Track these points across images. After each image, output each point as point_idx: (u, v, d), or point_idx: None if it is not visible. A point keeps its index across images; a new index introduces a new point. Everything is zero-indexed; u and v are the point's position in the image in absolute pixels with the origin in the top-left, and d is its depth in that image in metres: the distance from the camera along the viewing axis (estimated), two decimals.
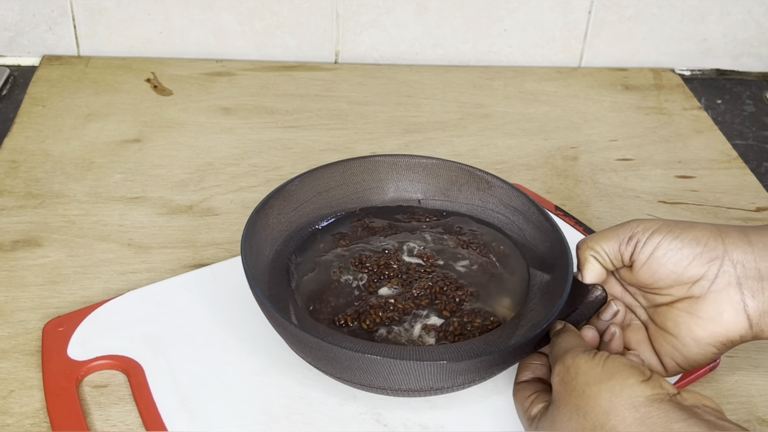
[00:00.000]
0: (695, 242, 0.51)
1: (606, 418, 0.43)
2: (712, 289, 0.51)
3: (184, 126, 0.85)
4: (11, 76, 0.92)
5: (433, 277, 0.56)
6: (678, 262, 0.51)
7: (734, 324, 0.51)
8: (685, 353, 0.52)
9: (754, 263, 0.50)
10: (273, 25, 0.96)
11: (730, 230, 0.52)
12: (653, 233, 0.52)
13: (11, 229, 0.69)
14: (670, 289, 0.52)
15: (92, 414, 0.53)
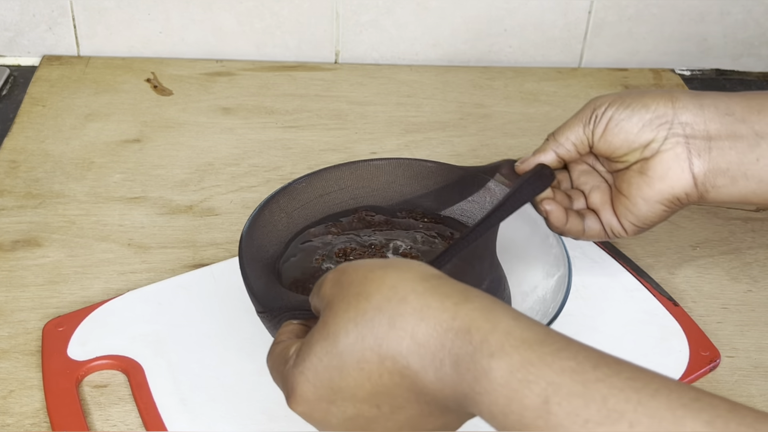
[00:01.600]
0: (645, 109, 0.54)
1: (394, 292, 0.39)
2: (661, 150, 0.54)
3: (184, 126, 0.85)
4: (11, 76, 0.92)
5: None
6: (630, 129, 0.54)
7: (679, 181, 0.54)
8: (637, 212, 0.56)
9: (704, 125, 0.53)
10: (273, 25, 0.95)
11: (682, 95, 0.55)
12: (608, 107, 0.55)
13: (11, 229, 0.69)
14: (626, 156, 0.56)
15: (92, 414, 0.53)
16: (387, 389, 0.38)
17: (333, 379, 0.39)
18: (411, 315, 0.38)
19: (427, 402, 0.38)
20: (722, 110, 0.53)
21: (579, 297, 0.63)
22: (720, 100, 0.54)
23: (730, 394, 0.57)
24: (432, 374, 0.37)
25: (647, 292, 0.64)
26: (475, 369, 0.36)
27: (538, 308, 0.57)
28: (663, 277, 0.67)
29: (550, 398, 0.33)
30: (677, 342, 0.60)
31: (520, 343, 0.35)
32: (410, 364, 0.37)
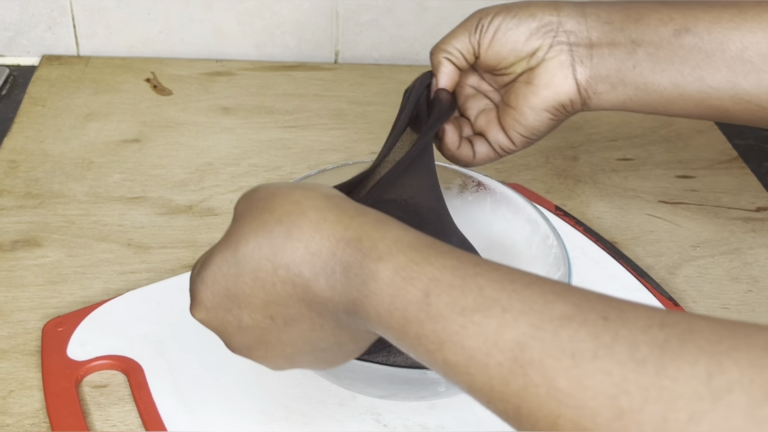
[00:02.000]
0: (531, 18, 0.55)
1: (295, 206, 0.40)
2: (546, 58, 0.55)
3: (184, 126, 0.85)
4: (11, 75, 0.92)
5: None
6: (517, 38, 0.55)
7: (563, 88, 0.55)
8: (524, 122, 0.57)
9: (586, 33, 0.55)
10: (273, 25, 0.95)
11: (566, 4, 0.56)
12: (494, 16, 0.56)
13: (11, 229, 0.69)
14: (513, 67, 0.57)
15: (92, 414, 0.53)
16: (280, 299, 0.40)
17: (229, 287, 0.41)
18: (308, 227, 0.39)
19: (319, 313, 0.39)
20: (603, 18, 0.55)
21: None
22: (602, 9, 0.55)
23: None
24: (323, 282, 0.38)
25: (647, 292, 0.64)
26: (363, 273, 0.37)
27: None
28: (663, 277, 0.67)
29: (431, 291, 0.35)
30: None
31: (407, 246, 0.37)
32: (302, 273, 0.39)
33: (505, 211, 0.63)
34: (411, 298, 0.35)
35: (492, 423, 0.53)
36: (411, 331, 0.35)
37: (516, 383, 0.33)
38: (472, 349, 0.34)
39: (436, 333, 0.35)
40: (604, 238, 0.70)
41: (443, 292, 0.35)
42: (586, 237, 0.69)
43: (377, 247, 0.37)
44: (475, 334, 0.34)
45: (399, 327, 0.36)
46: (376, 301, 0.37)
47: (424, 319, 0.35)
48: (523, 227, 0.62)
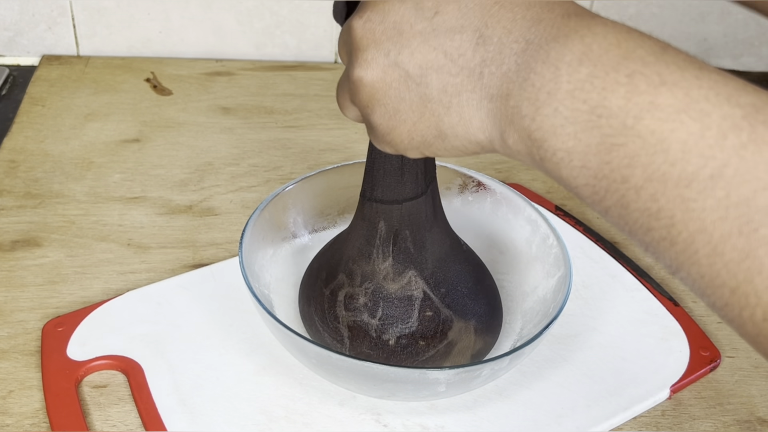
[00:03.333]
0: None
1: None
2: None
3: (184, 126, 0.85)
4: (11, 75, 0.92)
5: None
6: None
7: None
8: None
9: None
10: (273, 24, 0.95)
11: None
12: None
13: (11, 229, 0.69)
14: None
15: (92, 414, 0.53)
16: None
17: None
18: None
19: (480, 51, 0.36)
20: None
21: (579, 297, 0.63)
22: None
23: (730, 394, 0.57)
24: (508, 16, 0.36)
25: (648, 292, 0.64)
26: (562, 29, 0.34)
27: (538, 308, 0.57)
28: (663, 277, 0.67)
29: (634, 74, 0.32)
30: (678, 342, 0.60)
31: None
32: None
33: (505, 211, 0.63)
34: (644, 45, 0.32)
35: (492, 423, 0.53)
36: (625, 69, 0.32)
37: (737, 136, 0.29)
38: (698, 97, 0.30)
39: (660, 75, 0.31)
40: (604, 238, 0.70)
41: (680, 51, 0.32)
42: (586, 237, 0.69)
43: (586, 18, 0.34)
44: (707, 86, 0.31)
45: (611, 63, 0.32)
46: (593, 38, 0.33)
47: (651, 62, 0.32)
48: (523, 227, 0.62)
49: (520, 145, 0.36)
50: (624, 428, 0.54)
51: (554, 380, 0.56)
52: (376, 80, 0.40)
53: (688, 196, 0.30)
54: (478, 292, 0.54)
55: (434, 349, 0.52)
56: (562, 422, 0.53)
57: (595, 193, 0.33)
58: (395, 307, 0.51)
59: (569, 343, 0.59)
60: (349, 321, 0.52)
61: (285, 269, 0.61)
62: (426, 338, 0.52)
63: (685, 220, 0.31)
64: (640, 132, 0.31)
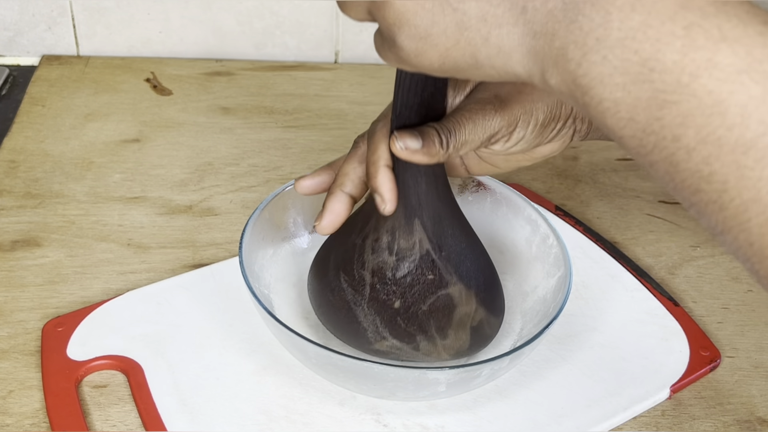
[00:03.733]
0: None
1: None
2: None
3: (184, 126, 0.85)
4: (10, 75, 0.92)
5: None
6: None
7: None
8: None
9: None
10: (273, 24, 0.95)
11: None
12: None
13: (10, 229, 0.69)
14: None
15: (92, 414, 0.53)
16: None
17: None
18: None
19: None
20: None
21: (579, 297, 0.63)
22: None
23: (730, 394, 0.57)
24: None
25: (647, 292, 0.64)
26: None
27: (538, 308, 0.57)
28: (663, 277, 0.67)
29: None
30: (678, 342, 0.60)
31: None
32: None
33: (505, 211, 0.63)
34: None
35: (492, 423, 0.53)
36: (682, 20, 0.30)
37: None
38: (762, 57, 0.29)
39: (721, 30, 0.29)
40: (604, 238, 0.70)
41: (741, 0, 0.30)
42: (586, 237, 0.69)
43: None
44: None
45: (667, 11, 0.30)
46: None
47: (711, 13, 0.29)
48: (523, 227, 0.62)
49: (563, 87, 0.34)
50: (624, 428, 0.54)
51: (554, 380, 0.56)
52: (408, 4, 0.37)
53: (745, 163, 0.29)
54: (472, 257, 0.54)
55: (440, 290, 0.52)
56: (562, 422, 0.53)
57: (641, 146, 0.32)
58: (405, 238, 0.52)
59: (569, 343, 0.59)
60: (374, 264, 0.52)
61: (285, 269, 0.61)
62: (432, 273, 0.52)
63: (739, 187, 0.29)
64: (695, 91, 0.29)
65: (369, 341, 0.53)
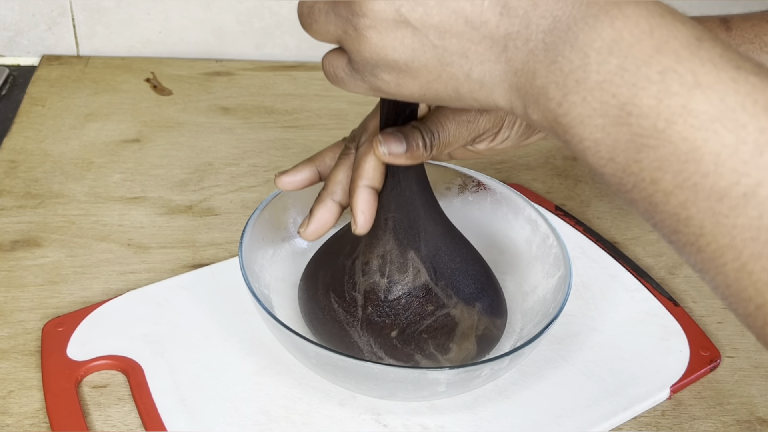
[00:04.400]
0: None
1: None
2: None
3: (184, 126, 0.85)
4: (10, 75, 0.92)
5: None
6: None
7: None
8: None
9: None
10: (273, 24, 0.95)
11: None
12: None
13: (10, 229, 0.69)
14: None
15: (92, 414, 0.53)
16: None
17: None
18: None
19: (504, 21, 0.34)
20: None
21: (579, 297, 0.63)
22: None
23: (730, 394, 0.57)
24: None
25: (647, 292, 0.64)
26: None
27: (538, 308, 0.57)
28: (663, 277, 0.67)
29: (701, 40, 0.31)
30: (678, 342, 0.60)
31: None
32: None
33: (505, 211, 0.63)
34: (678, 34, 0.31)
35: (492, 423, 0.53)
36: (657, 65, 0.30)
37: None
38: (735, 105, 0.29)
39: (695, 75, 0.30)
40: (604, 238, 0.70)
41: (716, 42, 0.30)
42: (586, 237, 0.69)
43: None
44: (745, 92, 0.29)
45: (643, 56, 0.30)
46: (623, 23, 0.31)
47: (685, 57, 0.30)
48: (523, 227, 0.62)
49: (545, 123, 0.34)
50: (624, 428, 0.54)
51: (554, 380, 0.56)
52: (386, 40, 0.36)
53: (719, 211, 0.29)
54: (470, 272, 0.53)
55: (439, 311, 0.51)
56: (562, 422, 0.53)
57: (621, 185, 0.32)
58: (399, 269, 0.51)
59: (569, 343, 0.59)
60: (366, 286, 0.51)
61: (285, 269, 0.61)
62: (429, 301, 0.51)
63: (714, 233, 0.29)
64: (671, 137, 0.30)
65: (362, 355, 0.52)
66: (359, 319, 0.51)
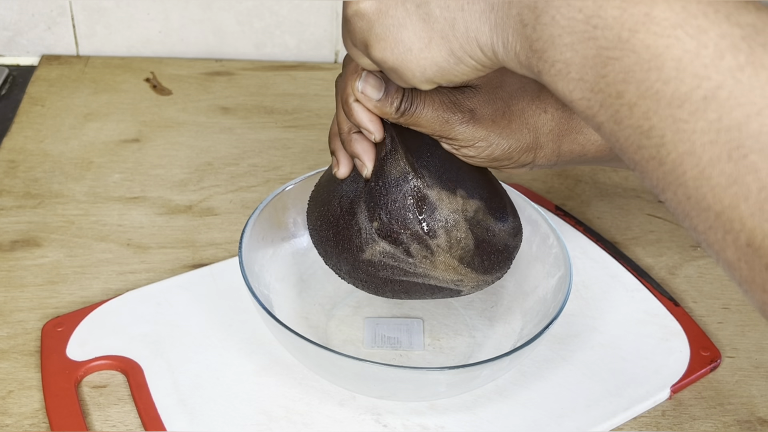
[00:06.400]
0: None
1: None
2: None
3: (184, 126, 0.85)
4: (10, 75, 0.92)
5: None
6: None
7: None
8: None
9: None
10: (272, 24, 0.95)
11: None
12: None
13: (10, 229, 0.69)
14: None
15: (91, 414, 0.53)
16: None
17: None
18: None
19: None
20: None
21: (579, 297, 0.63)
22: None
23: (730, 394, 0.57)
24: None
25: (648, 293, 0.64)
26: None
27: (538, 308, 0.57)
28: (663, 277, 0.67)
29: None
30: (678, 342, 0.59)
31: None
32: None
33: None
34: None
35: (492, 423, 0.53)
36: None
37: (735, 58, 0.29)
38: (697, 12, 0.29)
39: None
40: (604, 238, 0.70)
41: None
42: (586, 237, 0.69)
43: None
44: (707, 1, 0.30)
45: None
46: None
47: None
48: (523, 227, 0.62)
49: (523, 57, 0.35)
50: (624, 428, 0.54)
51: (554, 380, 0.56)
52: (372, 10, 0.38)
53: (680, 117, 0.30)
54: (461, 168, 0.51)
55: (412, 183, 0.49)
56: (562, 422, 0.53)
57: (589, 108, 0.33)
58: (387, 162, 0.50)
59: (569, 343, 0.59)
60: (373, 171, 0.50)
61: (285, 269, 0.61)
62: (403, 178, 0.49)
63: (675, 140, 0.30)
64: (634, 46, 0.30)
65: (361, 248, 0.50)
66: (363, 196, 0.50)
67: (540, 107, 0.49)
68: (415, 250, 0.49)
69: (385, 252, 0.49)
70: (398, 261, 0.49)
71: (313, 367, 0.53)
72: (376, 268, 0.50)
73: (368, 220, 0.49)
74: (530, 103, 0.49)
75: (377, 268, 0.50)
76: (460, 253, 0.49)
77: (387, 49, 0.38)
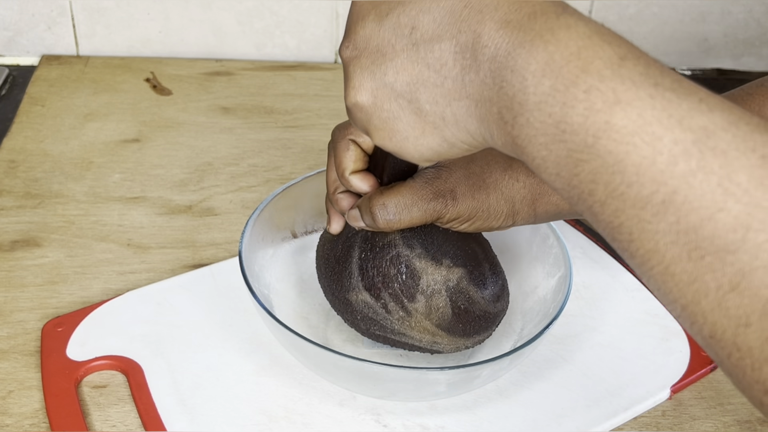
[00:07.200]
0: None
1: None
2: None
3: (184, 126, 0.85)
4: (10, 75, 0.92)
5: None
6: None
7: None
8: None
9: None
10: (272, 24, 0.95)
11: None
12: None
13: (10, 229, 0.69)
14: None
15: (91, 414, 0.53)
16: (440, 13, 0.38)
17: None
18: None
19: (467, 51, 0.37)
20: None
21: (579, 297, 0.63)
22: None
23: (730, 394, 0.57)
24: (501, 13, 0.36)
25: (648, 292, 0.64)
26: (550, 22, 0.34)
27: (538, 308, 0.57)
28: None
29: (626, 56, 0.33)
30: (678, 342, 0.59)
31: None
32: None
33: None
34: (603, 54, 0.33)
35: (492, 423, 0.53)
36: (583, 84, 0.33)
37: (687, 163, 0.31)
38: (651, 119, 0.31)
39: (615, 93, 0.32)
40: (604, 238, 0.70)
41: (639, 60, 0.33)
42: (586, 237, 0.69)
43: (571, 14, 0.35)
44: (661, 107, 0.31)
45: (570, 76, 0.33)
46: (555, 46, 0.34)
47: (607, 76, 0.32)
48: (523, 227, 0.62)
49: (508, 148, 0.37)
50: (624, 428, 0.54)
51: (554, 380, 0.56)
52: (368, 104, 0.41)
53: (644, 218, 0.32)
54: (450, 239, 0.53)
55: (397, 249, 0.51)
56: (562, 422, 0.53)
57: (569, 198, 0.35)
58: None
59: (569, 343, 0.59)
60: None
61: (285, 269, 0.61)
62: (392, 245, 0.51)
63: (641, 239, 0.32)
64: (599, 151, 0.32)
65: (348, 291, 0.51)
66: (357, 250, 0.52)
67: (512, 177, 0.52)
68: (393, 309, 0.51)
69: (366, 303, 0.51)
70: (377, 314, 0.51)
71: (313, 367, 0.53)
72: (357, 314, 0.52)
73: (358, 268, 0.51)
74: (503, 173, 0.52)
75: (357, 315, 0.52)
76: (437, 320, 0.51)
77: (386, 138, 0.41)
